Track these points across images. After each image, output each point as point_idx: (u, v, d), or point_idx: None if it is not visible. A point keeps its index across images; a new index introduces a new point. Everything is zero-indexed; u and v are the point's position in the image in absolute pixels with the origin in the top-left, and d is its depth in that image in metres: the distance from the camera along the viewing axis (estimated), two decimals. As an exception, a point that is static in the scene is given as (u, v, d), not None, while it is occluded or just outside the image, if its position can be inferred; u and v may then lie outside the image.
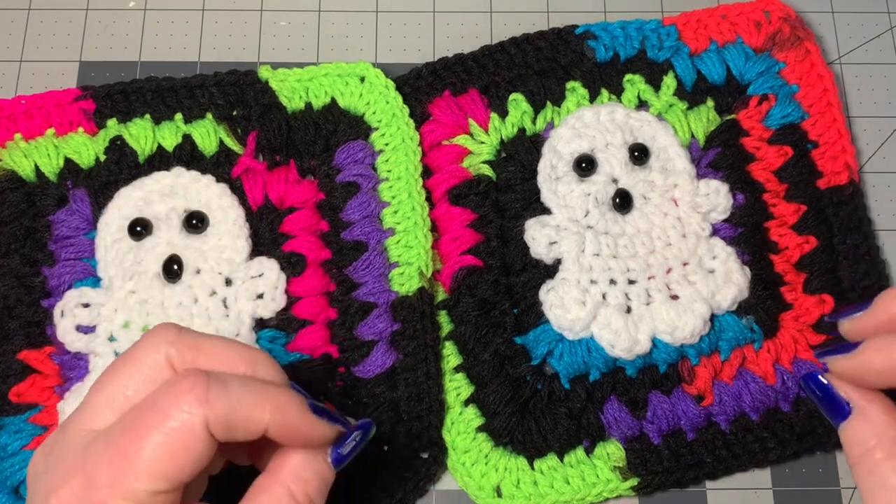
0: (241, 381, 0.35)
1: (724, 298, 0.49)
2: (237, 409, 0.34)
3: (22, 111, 0.53)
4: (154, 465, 0.32)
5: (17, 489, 0.47)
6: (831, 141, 0.55)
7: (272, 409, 0.34)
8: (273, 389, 0.35)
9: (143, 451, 0.32)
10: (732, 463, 0.49)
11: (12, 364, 0.48)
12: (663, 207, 0.52)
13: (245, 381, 0.35)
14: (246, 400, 0.34)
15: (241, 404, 0.34)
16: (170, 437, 0.32)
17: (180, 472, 0.33)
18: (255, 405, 0.34)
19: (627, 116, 0.54)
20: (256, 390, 0.35)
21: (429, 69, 0.56)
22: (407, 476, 0.48)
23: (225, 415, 0.33)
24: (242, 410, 0.34)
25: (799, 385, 0.48)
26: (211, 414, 0.33)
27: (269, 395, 0.35)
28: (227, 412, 0.33)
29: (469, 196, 0.53)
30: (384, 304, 0.50)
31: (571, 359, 0.49)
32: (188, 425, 0.33)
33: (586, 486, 0.48)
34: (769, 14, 0.57)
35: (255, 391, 0.34)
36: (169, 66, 0.58)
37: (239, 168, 0.52)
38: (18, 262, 0.50)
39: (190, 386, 0.33)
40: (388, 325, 0.50)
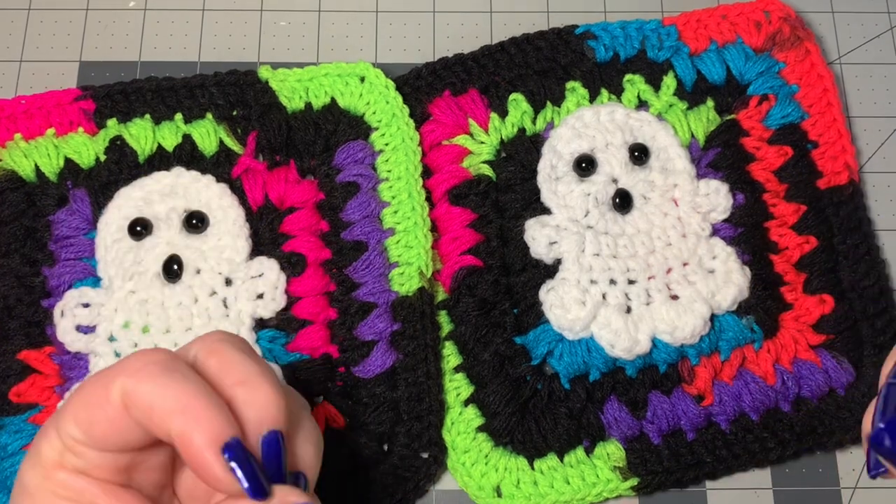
0: (185, 378, 0.31)
1: (724, 298, 0.49)
2: (156, 400, 0.30)
3: (22, 111, 0.53)
4: (75, 409, 0.31)
5: (17, 489, 0.47)
6: (831, 141, 0.55)
7: (185, 423, 0.30)
8: (208, 405, 0.31)
9: (73, 400, 0.32)
10: (732, 463, 0.49)
11: (12, 364, 0.48)
12: (663, 207, 0.52)
13: (187, 380, 0.31)
14: (171, 397, 0.30)
15: (164, 397, 0.30)
16: (91, 394, 0.31)
17: (91, 426, 0.31)
18: (172, 409, 0.30)
19: (627, 116, 0.54)
20: (188, 392, 0.31)
21: (429, 69, 0.56)
22: (407, 476, 0.48)
23: (143, 397, 0.31)
24: (160, 405, 0.30)
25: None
26: (129, 386, 0.31)
27: (198, 408, 0.30)
28: (146, 396, 0.31)
29: (469, 196, 0.53)
30: (384, 304, 0.50)
31: (571, 359, 0.49)
32: (104, 388, 0.31)
33: (586, 486, 0.48)
34: (769, 14, 0.57)
35: (186, 393, 0.31)
36: (169, 66, 0.58)
37: (239, 168, 0.52)
38: (18, 262, 0.50)
39: (140, 355, 0.32)
40: (388, 325, 0.50)
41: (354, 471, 0.48)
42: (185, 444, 0.30)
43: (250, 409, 0.32)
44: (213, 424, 0.30)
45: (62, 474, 0.32)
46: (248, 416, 0.32)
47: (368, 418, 0.48)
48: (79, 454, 0.32)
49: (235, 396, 0.32)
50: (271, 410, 0.32)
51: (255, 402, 0.32)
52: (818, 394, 0.50)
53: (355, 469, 0.48)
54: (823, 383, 0.50)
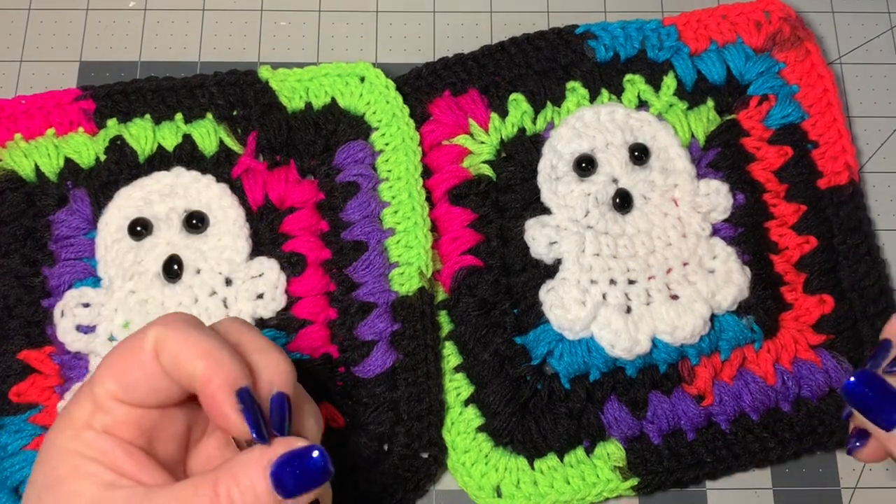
0: (211, 334, 0.35)
1: (725, 298, 0.49)
2: (185, 347, 0.34)
3: (22, 111, 0.53)
4: (110, 361, 0.35)
5: (17, 489, 0.47)
6: (831, 141, 0.55)
7: (207, 367, 0.33)
8: (229, 356, 0.34)
9: (110, 356, 0.35)
10: (732, 463, 0.49)
11: (12, 364, 0.48)
12: (663, 207, 0.52)
13: (213, 336, 0.35)
14: (197, 345, 0.34)
15: (192, 344, 0.34)
16: (127, 346, 0.35)
17: (124, 374, 0.34)
18: (198, 354, 0.34)
19: (627, 116, 0.54)
20: (212, 344, 0.34)
21: (429, 69, 0.56)
22: (407, 476, 0.48)
23: (173, 344, 0.34)
24: (188, 350, 0.34)
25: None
26: (162, 334, 0.34)
27: (219, 357, 0.34)
28: (176, 343, 0.34)
29: (469, 196, 0.53)
30: (384, 304, 0.50)
31: (571, 359, 0.49)
32: (140, 339, 0.34)
33: (586, 486, 0.48)
34: (769, 14, 0.57)
35: (211, 344, 0.34)
36: (169, 66, 0.58)
37: (239, 168, 0.52)
38: (18, 262, 0.50)
39: (172, 313, 0.36)
40: (388, 325, 0.50)
41: (354, 471, 0.48)
42: (205, 384, 0.34)
43: (264, 372, 0.35)
44: (231, 371, 0.34)
45: (90, 434, 0.34)
46: (261, 378, 0.35)
47: (368, 418, 0.48)
48: (108, 410, 0.34)
49: (252, 362, 0.35)
50: (282, 376, 0.36)
51: (268, 366, 0.36)
52: (818, 394, 0.50)
53: (355, 469, 0.48)
54: (823, 383, 0.50)
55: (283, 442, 0.34)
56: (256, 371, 0.35)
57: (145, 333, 0.35)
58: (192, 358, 0.34)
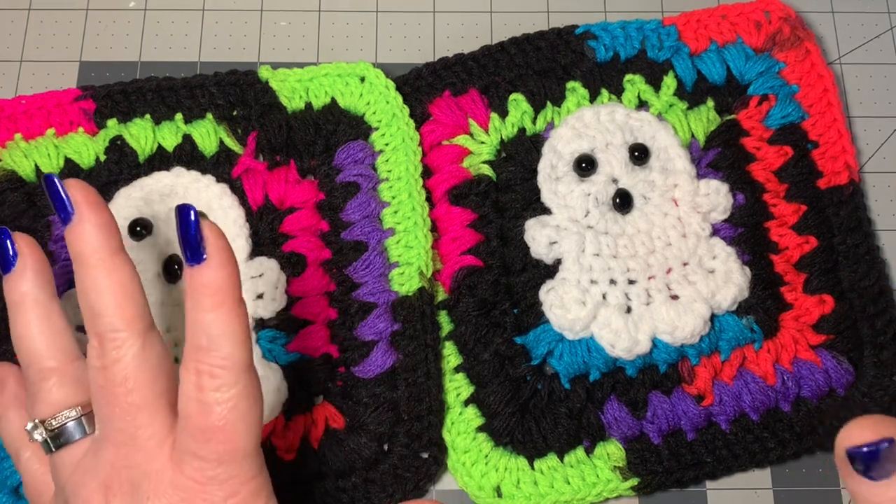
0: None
1: (725, 298, 0.49)
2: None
3: (22, 111, 0.53)
4: None
5: (17, 489, 0.47)
6: (831, 141, 0.55)
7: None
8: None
9: None
10: (732, 463, 0.49)
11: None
12: (663, 207, 0.52)
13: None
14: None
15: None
16: None
17: None
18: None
19: (627, 116, 0.54)
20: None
21: (429, 69, 0.56)
22: (407, 476, 0.48)
23: None
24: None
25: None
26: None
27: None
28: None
29: (469, 196, 0.53)
30: (384, 304, 0.50)
31: (571, 359, 0.49)
32: None
33: (586, 486, 0.48)
34: (769, 14, 0.57)
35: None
36: (169, 66, 0.58)
37: (239, 168, 0.52)
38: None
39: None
40: (388, 325, 0.50)
41: (354, 471, 0.48)
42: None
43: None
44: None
45: None
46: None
47: (368, 418, 0.48)
48: None
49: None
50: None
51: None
52: (818, 394, 0.50)
53: (355, 469, 0.48)
54: (823, 383, 0.50)
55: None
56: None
57: None
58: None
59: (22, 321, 0.39)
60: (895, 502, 0.33)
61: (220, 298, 0.36)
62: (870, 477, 0.34)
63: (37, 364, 0.39)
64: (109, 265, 0.37)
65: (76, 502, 0.37)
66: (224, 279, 0.36)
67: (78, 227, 0.37)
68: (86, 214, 0.37)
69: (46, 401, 0.38)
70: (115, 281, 0.37)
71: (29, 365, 0.39)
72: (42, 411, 0.38)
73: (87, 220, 0.37)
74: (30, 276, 0.40)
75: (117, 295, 0.37)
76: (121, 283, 0.37)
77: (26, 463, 0.41)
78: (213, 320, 0.35)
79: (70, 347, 0.40)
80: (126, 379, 0.36)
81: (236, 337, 0.36)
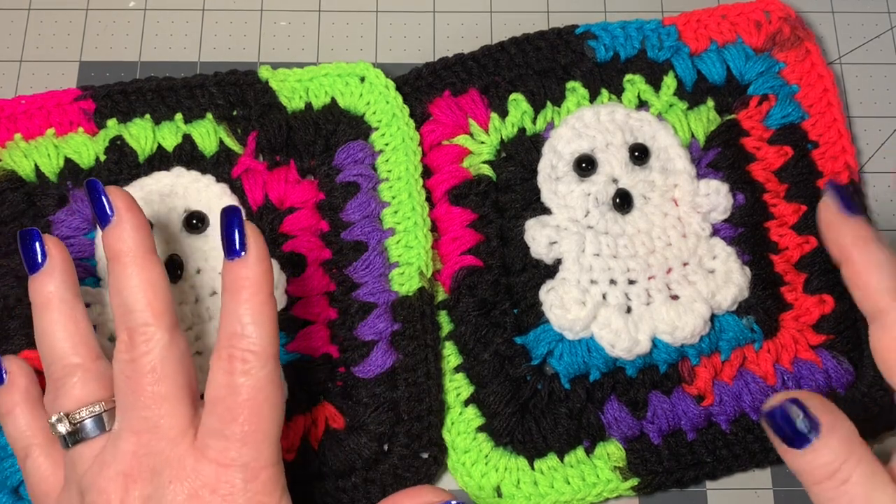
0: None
1: (725, 298, 0.49)
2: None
3: (22, 111, 0.53)
4: None
5: (17, 489, 0.47)
6: (831, 141, 0.55)
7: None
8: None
9: None
10: (732, 463, 0.49)
11: (12, 364, 0.48)
12: (663, 207, 0.52)
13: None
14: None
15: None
16: None
17: None
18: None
19: (627, 116, 0.54)
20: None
21: (429, 69, 0.56)
22: (407, 476, 0.48)
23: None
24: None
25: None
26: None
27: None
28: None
29: (469, 196, 0.53)
30: (384, 304, 0.50)
31: (571, 359, 0.49)
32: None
33: (586, 486, 0.48)
34: (769, 14, 0.57)
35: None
36: (169, 66, 0.58)
37: (239, 168, 0.52)
38: (18, 262, 0.50)
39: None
40: (388, 325, 0.50)
41: (354, 471, 0.48)
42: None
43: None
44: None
45: None
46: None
47: (368, 418, 0.48)
48: None
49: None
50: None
51: None
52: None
53: (355, 469, 0.48)
54: (824, 383, 0.50)
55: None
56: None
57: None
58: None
59: (48, 319, 0.42)
60: (827, 467, 0.35)
61: (255, 290, 0.39)
62: (790, 443, 0.36)
63: (61, 361, 0.41)
64: (142, 263, 0.40)
65: (92, 492, 0.38)
66: (260, 274, 0.39)
67: (117, 228, 0.41)
68: (125, 216, 0.41)
69: (70, 395, 0.40)
70: (146, 278, 0.40)
71: (53, 362, 0.41)
72: (66, 405, 0.40)
73: (126, 222, 0.41)
74: (57, 276, 0.42)
75: (148, 292, 0.40)
76: (151, 281, 0.40)
77: (34, 461, 0.42)
78: (248, 310, 0.39)
79: (93, 346, 0.42)
80: (154, 369, 0.39)
81: (267, 326, 0.39)
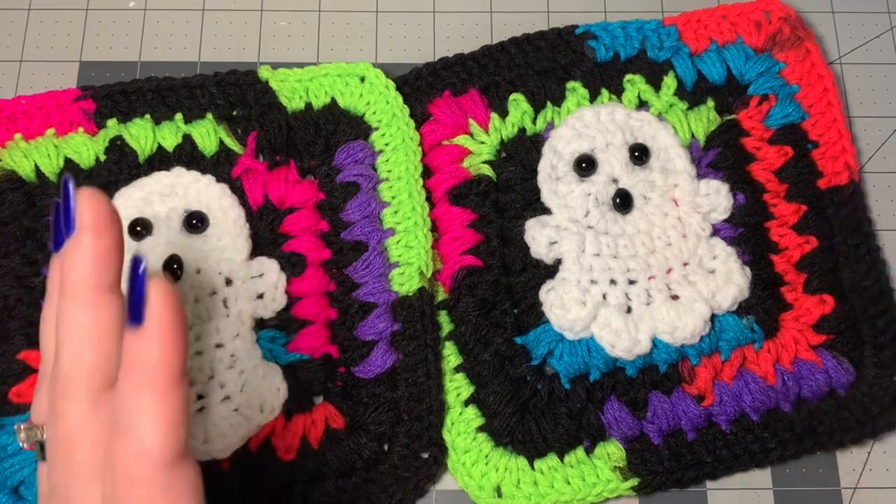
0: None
1: (725, 298, 0.49)
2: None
3: (22, 111, 0.53)
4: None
5: (16, 489, 0.47)
6: (832, 141, 0.55)
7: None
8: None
9: None
10: (732, 463, 0.49)
11: (12, 364, 0.48)
12: (663, 207, 0.52)
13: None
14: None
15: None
16: None
17: None
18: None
19: (628, 116, 0.54)
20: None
21: (429, 69, 0.56)
22: (407, 476, 0.48)
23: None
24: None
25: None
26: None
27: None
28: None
29: (469, 196, 0.53)
30: (384, 304, 0.50)
31: (572, 359, 0.49)
32: None
33: (586, 487, 0.48)
34: (769, 14, 0.57)
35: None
36: (169, 66, 0.58)
37: (239, 168, 0.52)
38: (18, 262, 0.50)
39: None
40: (389, 325, 0.50)
41: (354, 471, 0.48)
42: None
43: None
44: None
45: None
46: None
47: (368, 418, 0.48)
48: None
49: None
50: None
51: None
52: (818, 394, 0.50)
53: (355, 469, 0.48)
54: (824, 383, 0.50)
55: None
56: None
57: None
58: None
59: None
60: None
61: (149, 376, 0.30)
62: None
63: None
64: (91, 302, 0.32)
65: None
66: (158, 355, 0.30)
67: (73, 248, 0.32)
68: (85, 237, 0.32)
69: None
70: (89, 322, 0.31)
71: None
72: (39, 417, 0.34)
73: (84, 244, 0.32)
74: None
75: (83, 339, 0.31)
76: (94, 327, 0.31)
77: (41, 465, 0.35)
78: (137, 401, 0.30)
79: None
80: (66, 439, 0.31)
81: (161, 426, 0.29)
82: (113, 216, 0.32)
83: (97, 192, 0.32)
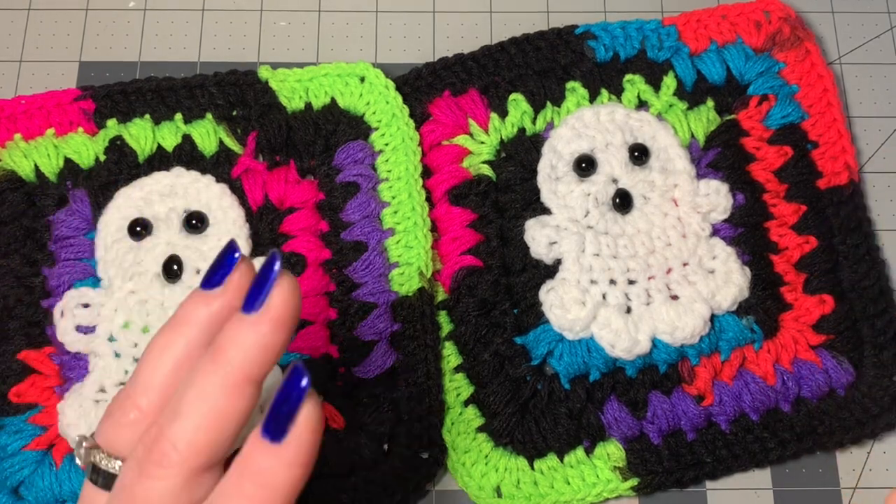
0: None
1: (725, 299, 0.49)
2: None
3: (22, 111, 0.53)
4: None
5: (16, 489, 0.47)
6: (831, 141, 0.55)
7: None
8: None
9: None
10: (732, 463, 0.49)
11: (12, 364, 0.48)
12: (663, 207, 0.52)
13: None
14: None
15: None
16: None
17: None
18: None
19: (627, 116, 0.54)
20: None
21: (429, 69, 0.56)
22: (407, 476, 0.48)
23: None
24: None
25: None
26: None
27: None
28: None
29: (469, 196, 0.53)
30: (384, 304, 0.50)
31: (571, 359, 0.49)
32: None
33: (586, 487, 0.48)
34: (769, 14, 0.57)
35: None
36: (169, 66, 0.58)
37: (239, 168, 0.52)
38: (18, 262, 0.50)
39: None
40: (388, 326, 0.50)
41: (354, 471, 0.48)
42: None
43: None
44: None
45: None
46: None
47: (368, 418, 0.48)
48: None
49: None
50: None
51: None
52: (818, 394, 0.50)
53: (355, 469, 0.48)
54: (823, 383, 0.50)
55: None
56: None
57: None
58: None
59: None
60: None
61: (267, 497, 0.28)
62: None
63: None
64: (235, 387, 0.29)
65: None
66: (285, 480, 0.28)
67: (254, 326, 0.30)
68: (272, 320, 0.29)
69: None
70: (224, 405, 0.29)
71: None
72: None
73: (267, 324, 0.29)
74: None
75: (209, 418, 0.29)
76: (225, 412, 0.29)
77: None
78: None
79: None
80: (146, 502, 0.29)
81: None
82: (297, 315, 0.30)
83: (296, 284, 0.30)
